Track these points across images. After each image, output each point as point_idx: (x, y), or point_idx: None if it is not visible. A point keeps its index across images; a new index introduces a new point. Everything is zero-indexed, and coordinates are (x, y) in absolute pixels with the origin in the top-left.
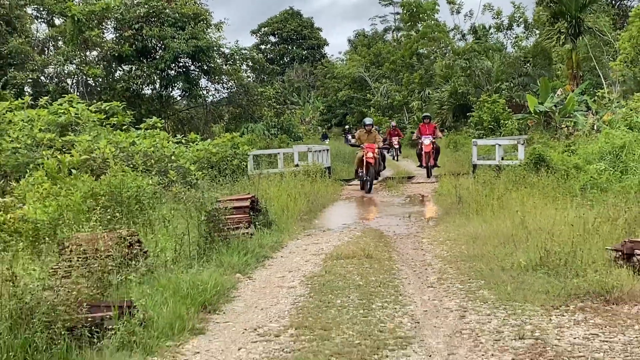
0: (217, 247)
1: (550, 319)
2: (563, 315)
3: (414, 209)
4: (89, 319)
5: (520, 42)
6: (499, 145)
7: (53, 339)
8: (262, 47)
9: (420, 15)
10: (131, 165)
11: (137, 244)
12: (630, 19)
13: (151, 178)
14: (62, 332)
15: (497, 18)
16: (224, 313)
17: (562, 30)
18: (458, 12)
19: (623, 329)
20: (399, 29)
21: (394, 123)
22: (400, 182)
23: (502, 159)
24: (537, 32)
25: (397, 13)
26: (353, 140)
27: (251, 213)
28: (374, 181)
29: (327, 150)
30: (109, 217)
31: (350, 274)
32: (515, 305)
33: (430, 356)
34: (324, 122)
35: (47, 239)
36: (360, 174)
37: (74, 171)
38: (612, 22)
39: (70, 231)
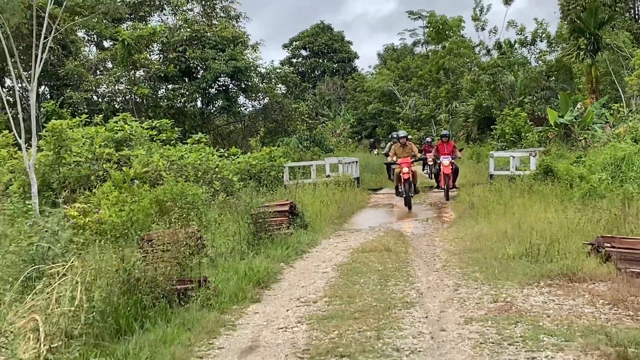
0: (264, 243)
1: (522, 291)
2: (533, 289)
3: (432, 214)
4: (177, 289)
5: (543, 57)
6: (513, 157)
7: (155, 300)
8: (294, 60)
9: (447, 32)
10: (183, 177)
11: (201, 238)
12: None
13: (201, 187)
14: (161, 296)
15: (521, 34)
16: (273, 289)
17: (581, 47)
18: (483, 29)
19: (575, 297)
20: (428, 42)
21: (429, 139)
22: (423, 190)
23: (517, 169)
24: (560, 47)
25: (426, 26)
26: (389, 158)
27: (290, 216)
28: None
29: (356, 162)
30: (172, 218)
31: (372, 263)
32: (498, 282)
33: (426, 313)
34: (355, 134)
35: (127, 236)
36: (400, 190)
37: (135, 182)
38: (635, 38)
39: (141, 231)
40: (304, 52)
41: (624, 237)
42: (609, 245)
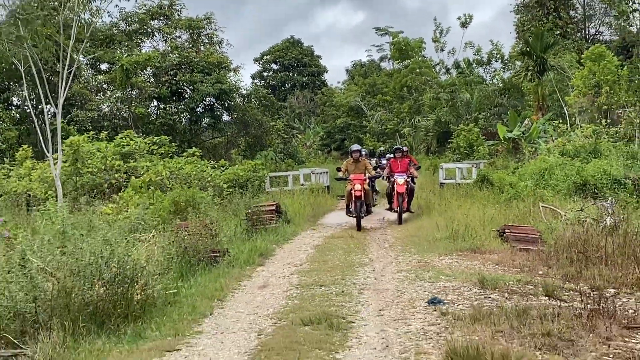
0: (259, 232)
1: (438, 258)
2: (446, 256)
3: (388, 215)
4: (210, 256)
5: (498, 76)
6: (459, 168)
7: (198, 261)
8: (265, 74)
9: (409, 52)
10: (186, 184)
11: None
12: (583, 60)
13: (202, 192)
14: (202, 259)
15: (477, 55)
16: (271, 259)
17: (529, 68)
18: (442, 50)
19: (472, 260)
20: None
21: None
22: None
23: (463, 178)
24: (514, 66)
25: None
26: (340, 173)
27: (276, 214)
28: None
29: (327, 172)
30: (187, 215)
31: (339, 244)
32: (425, 253)
33: (374, 269)
34: (324, 146)
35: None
36: (351, 209)
37: (151, 187)
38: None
39: (164, 223)
40: (274, 66)
41: (519, 225)
42: (508, 231)
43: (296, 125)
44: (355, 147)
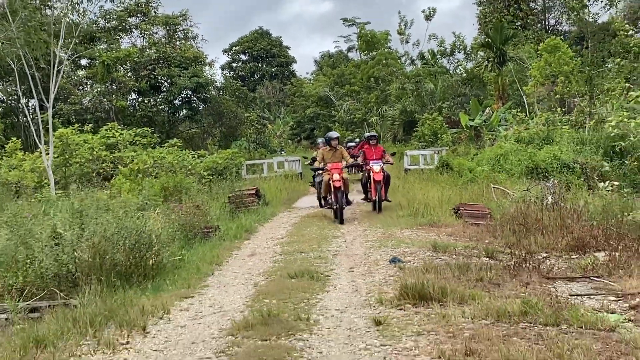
0: (242, 213)
1: (400, 231)
2: (407, 229)
3: (356, 197)
4: (204, 231)
5: (461, 67)
6: (423, 155)
7: (194, 236)
8: (234, 64)
9: (375, 45)
10: (170, 172)
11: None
12: (540, 51)
13: (188, 179)
14: (197, 234)
15: (441, 46)
16: (255, 234)
17: (489, 59)
18: (407, 42)
19: (429, 232)
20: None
21: (351, 143)
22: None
23: (426, 164)
24: (477, 56)
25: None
26: (316, 163)
27: (256, 197)
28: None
29: (299, 160)
30: (176, 198)
31: (314, 222)
32: (388, 228)
33: (345, 240)
34: (294, 136)
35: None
36: (330, 201)
37: (139, 175)
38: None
39: (155, 207)
40: (243, 57)
41: (472, 203)
42: (462, 208)
43: (266, 116)
44: (334, 134)
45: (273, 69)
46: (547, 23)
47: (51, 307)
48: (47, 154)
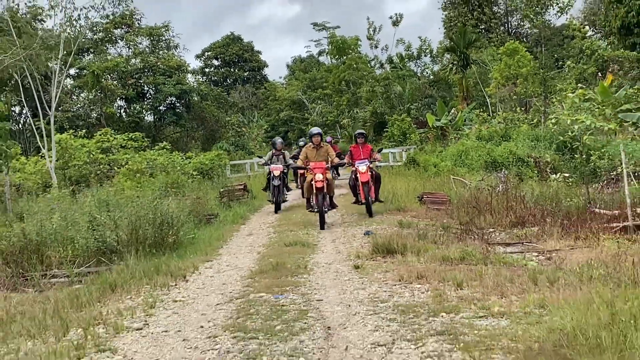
0: (234, 204)
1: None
2: (378, 215)
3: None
4: (207, 217)
5: (428, 70)
6: (392, 152)
7: (199, 221)
8: (207, 70)
9: (346, 50)
10: (164, 171)
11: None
12: (500, 54)
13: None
14: (202, 219)
15: (408, 50)
16: (249, 220)
17: (454, 62)
18: (376, 47)
19: (396, 215)
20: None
21: (329, 138)
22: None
23: (395, 161)
24: (443, 59)
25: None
26: (298, 162)
27: (245, 192)
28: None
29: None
30: (176, 193)
31: (299, 210)
32: (363, 213)
33: (326, 222)
34: (268, 138)
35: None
36: (312, 204)
37: (137, 175)
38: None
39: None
40: (215, 62)
41: (434, 192)
42: (425, 196)
43: (240, 119)
44: (316, 130)
45: (245, 74)
46: (509, 26)
47: (98, 273)
48: (50, 157)
